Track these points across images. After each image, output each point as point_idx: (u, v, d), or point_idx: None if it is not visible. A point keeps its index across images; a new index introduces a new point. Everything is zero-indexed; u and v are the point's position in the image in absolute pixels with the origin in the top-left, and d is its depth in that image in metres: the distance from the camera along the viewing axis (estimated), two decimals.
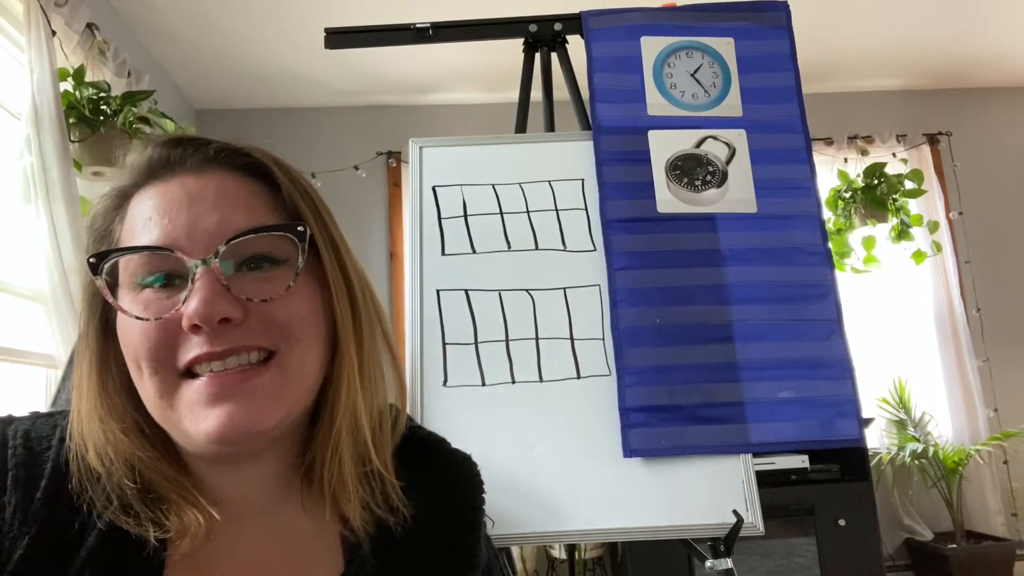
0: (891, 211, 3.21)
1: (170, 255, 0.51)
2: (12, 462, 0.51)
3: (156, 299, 0.51)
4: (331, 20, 1.81)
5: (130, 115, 2.07)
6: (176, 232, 0.51)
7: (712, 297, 1.35)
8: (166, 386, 0.51)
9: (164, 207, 0.53)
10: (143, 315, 0.50)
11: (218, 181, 0.54)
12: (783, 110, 1.48)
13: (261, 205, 0.55)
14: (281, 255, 0.53)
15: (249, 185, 0.56)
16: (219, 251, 0.51)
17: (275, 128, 3.47)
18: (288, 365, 0.52)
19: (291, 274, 0.53)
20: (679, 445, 1.27)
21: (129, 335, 0.52)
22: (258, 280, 0.52)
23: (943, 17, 3.07)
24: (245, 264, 0.52)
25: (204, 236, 0.51)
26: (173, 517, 0.51)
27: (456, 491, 0.64)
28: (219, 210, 0.53)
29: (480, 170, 1.46)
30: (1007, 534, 3.16)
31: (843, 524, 2.44)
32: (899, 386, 3.28)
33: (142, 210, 0.54)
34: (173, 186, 0.54)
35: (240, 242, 0.51)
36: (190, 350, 0.50)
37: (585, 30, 1.56)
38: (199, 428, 0.50)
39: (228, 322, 0.50)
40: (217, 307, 0.49)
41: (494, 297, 1.36)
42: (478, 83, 3.40)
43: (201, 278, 0.50)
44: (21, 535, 0.48)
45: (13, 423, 0.54)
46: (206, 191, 0.53)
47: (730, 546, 1.21)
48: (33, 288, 1.97)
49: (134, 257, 0.52)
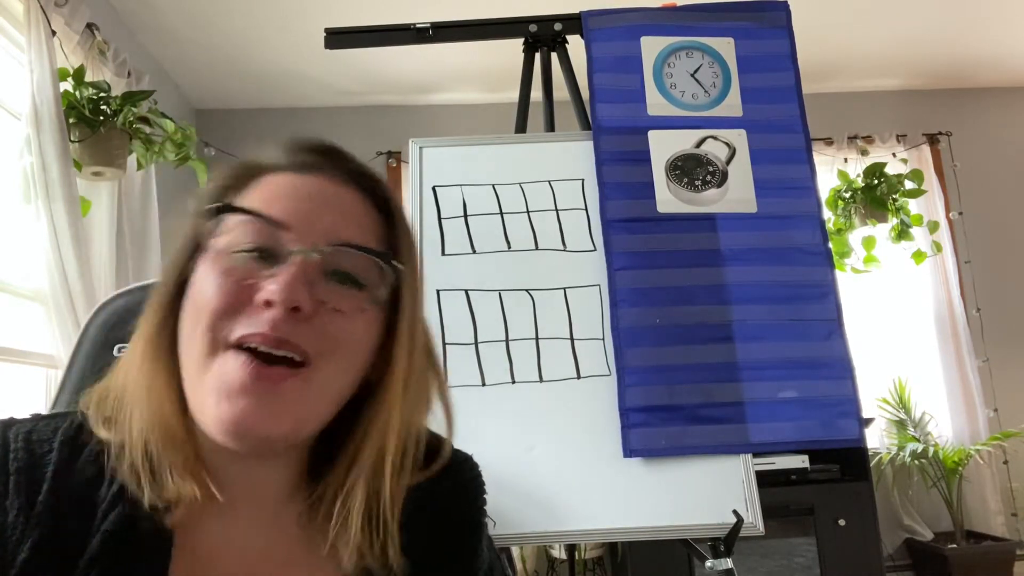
0: (891, 211, 3.21)
1: (278, 231, 0.53)
2: (13, 466, 0.51)
3: (244, 266, 0.53)
4: (331, 20, 1.81)
5: (130, 115, 2.07)
6: (293, 217, 0.54)
7: (712, 297, 1.35)
8: (213, 348, 0.51)
9: (293, 194, 0.56)
10: (227, 274, 0.52)
11: (349, 197, 0.58)
12: (783, 110, 1.48)
13: (373, 231, 0.58)
14: (366, 280, 0.55)
15: (370, 211, 0.59)
16: (322, 250, 0.53)
17: (275, 128, 3.47)
18: (315, 379, 0.52)
19: (367, 300, 0.55)
20: (679, 445, 1.27)
21: (203, 290, 0.53)
22: (339, 291, 0.54)
23: (943, 17, 3.07)
24: (334, 273, 0.54)
25: (315, 231, 0.54)
26: (171, 484, 0.51)
27: (458, 492, 0.64)
28: (337, 219, 0.56)
29: (480, 170, 1.46)
30: (1007, 534, 3.16)
31: (843, 524, 2.44)
32: (899, 386, 3.28)
33: (271, 190, 0.56)
34: (308, 182, 0.57)
35: (340, 252, 0.54)
36: (250, 326, 0.51)
37: (585, 30, 1.56)
38: (218, 411, 0.50)
39: (297, 311, 0.51)
40: (297, 293, 0.50)
41: (494, 297, 1.36)
42: (478, 83, 3.40)
43: (294, 263, 0.51)
44: (24, 539, 0.48)
45: (14, 426, 0.54)
46: (334, 198, 0.57)
47: (730, 546, 1.22)
48: (33, 288, 1.97)
49: (244, 221, 0.54)
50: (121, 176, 2.16)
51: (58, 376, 1.93)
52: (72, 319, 1.91)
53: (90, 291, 1.99)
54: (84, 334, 0.81)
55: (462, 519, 0.63)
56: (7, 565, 0.47)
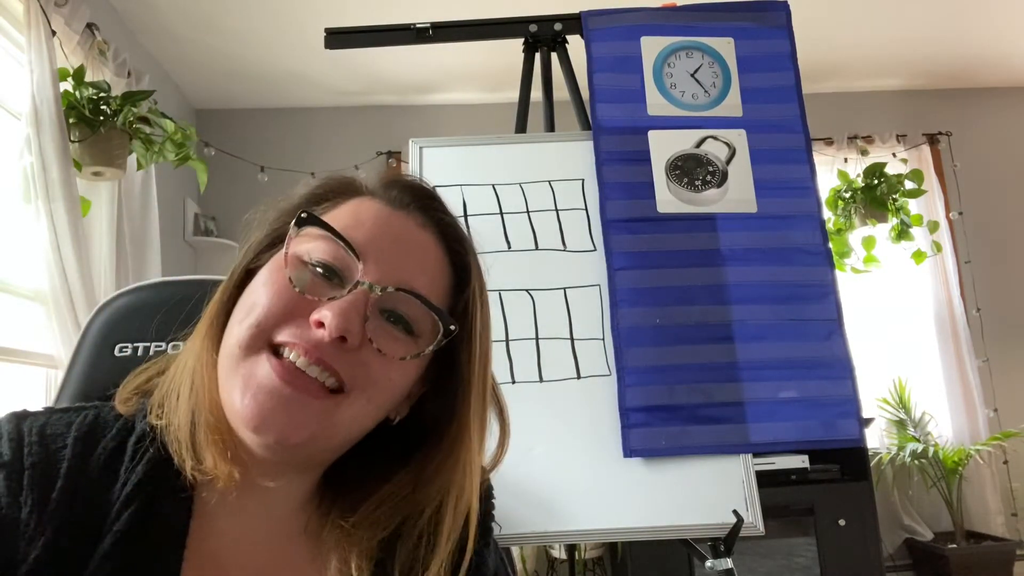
0: (891, 211, 3.21)
1: (352, 259, 0.54)
2: (28, 461, 0.51)
3: (309, 279, 0.54)
4: (331, 20, 1.81)
5: (130, 115, 2.07)
6: (371, 249, 0.54)
7: (712, 297, 1.35)
8: (253, 342, 0.52)
9: (379, 226, 0.56)
10: (294, 281, 0.53)
11: (429, 244, 0.59)
12: (783, 110, 1.48)
13: (441, 286, 0.59)
14: (418, 330, 0.56)
15: (445, 265, 0.60)
16: (387, 288, 0.53)
17: (275, 128, 3.47)
18: (345, 407, 0.53)
19: (413, 351, 0.55)
20: (679, 445, 1.27)
21: (266, 285, 0.54)
22: (388, 334, 0.54)
23: (943, 17, 3.07)
24: (389, 314, 0.55)
25: (387, 270, 0.54)
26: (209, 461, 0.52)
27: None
28: (411, 262, 0.56)
29: (480, 170, 1.46)
30: (1007, 534, 3.16)
31: (843, 524, 2.44)
32: (899, 386, 3.28)
33: (361, 213, 0.57)
34: (396, 218, 0.58)
35: (402, 296, 0.54)
36: (296, 335, 0.51)
37: (585, 30, 1.56)
38: (243, 403, 0.51)
39: (344, 341, 0.51)
40: (349, 323, 0.51)
41: (494, 297, 1.36)
42: (478, 83, 3.40)
43: (356, 294, 0.52)
44: (37, 536, 0.48)
45: (28, 419, 0.54)
46: (414, 242, 0.58)
47: (730, 546, 1.22)
48: (33, 288, 1.97)
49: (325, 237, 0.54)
50: (121, 176, 2.16)
51: (58, 376, 1.93)
52: (72, 319, 1.91)
53: (90, 291, 1.99)
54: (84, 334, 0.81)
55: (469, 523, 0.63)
56: (20, 562, 0.47)
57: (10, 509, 0.48)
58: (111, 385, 0.60)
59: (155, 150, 2.18)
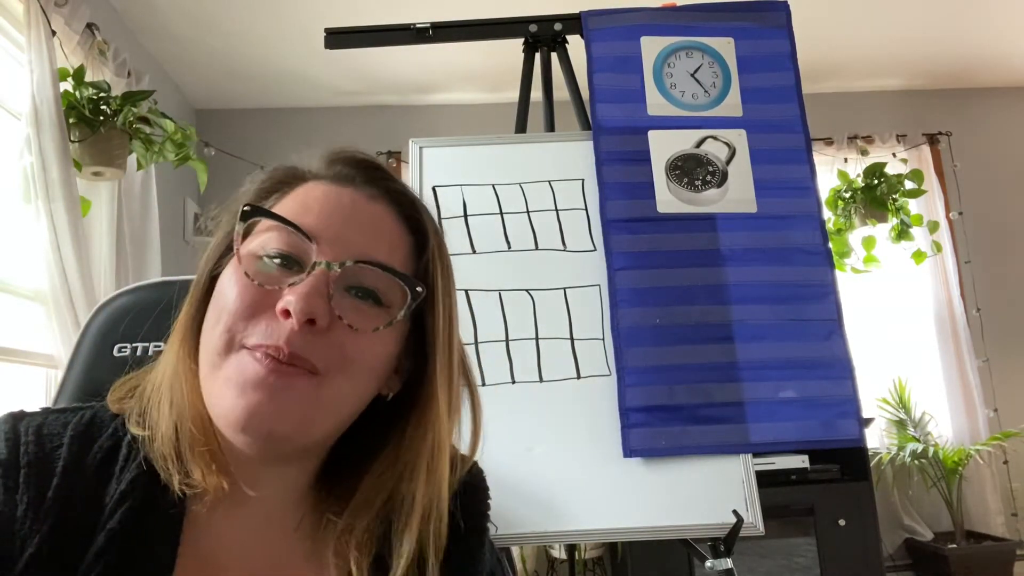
0: (891, 211, 3.21)
1: (305, 242, 0.53)
2: (24, 460, 0.51)
3: (269, 271, 0.54)
4: (331, 20, 1.81)
5: (130, 115, 2.07)
6: (323, 229, 0.54)
7: (712, 297, 1.35)
8: (228, 346, 0.52)
9: (327, 206, 0.56)
10: (252, 276, 0.53)
11: (380, 214, 0.58)
12: (783, 110, 1.48)
13: (401, 252, 0.58)
14: (387, 299, 0.55)
15: (401, 231, 0.59)
16: (344, 263, 0.53)
17: (275, 128, 3.47)
18: (325, 388, 0.53)
19: (385, 320, 0.55)
20: (679, 445, 1.27)
21: (227, 287, 0.54)
22: (356, 308, 0.54)
23: (943, 17, 3.06)
24: (355, 289, 0.54)
25: (342, 246, 0.54)
26: (197, 474, 0.52)
27: (461, 497, 0.64)
28: (366, 234, 0.56)
29: (480, 170, 1.46)
30: (1007, 534, 3.16)
31: (843, 524, 2.44)
32: (899, 386, 3.28)
33: (307, 198, 0.57)
34: (344, 195, 0.57)
35: (362, 268, 0.54)
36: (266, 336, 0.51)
37: (585, 30, 1.56)
38: (225, 407, 0.51)
39: (312, 324, 0.51)
40: (314, 306, 0.51)
41: (494, 297, 1.36)
42: (478, 83, 3.40)
43: (315, 275, 0.52)
44: (32, 533, 0.48)
45: (24, 419, 0.54)
46: (366, 215, 0.57)
47: (730, 546, 1.21)
48: (33, 288, 1.97)
49: (275, 227, 0.54)
50: (121, 176, 2.16)
51: (58, 376, 1.93)
52: (72, 319, 1.91)
53: (90, 291, 1.99)
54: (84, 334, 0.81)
55: (465, 523, 0.63)
56: (15, 559, 0.47)
57: (6, 507, 0.49)
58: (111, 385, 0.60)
59: (155, 150, 2.18)
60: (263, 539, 0.57)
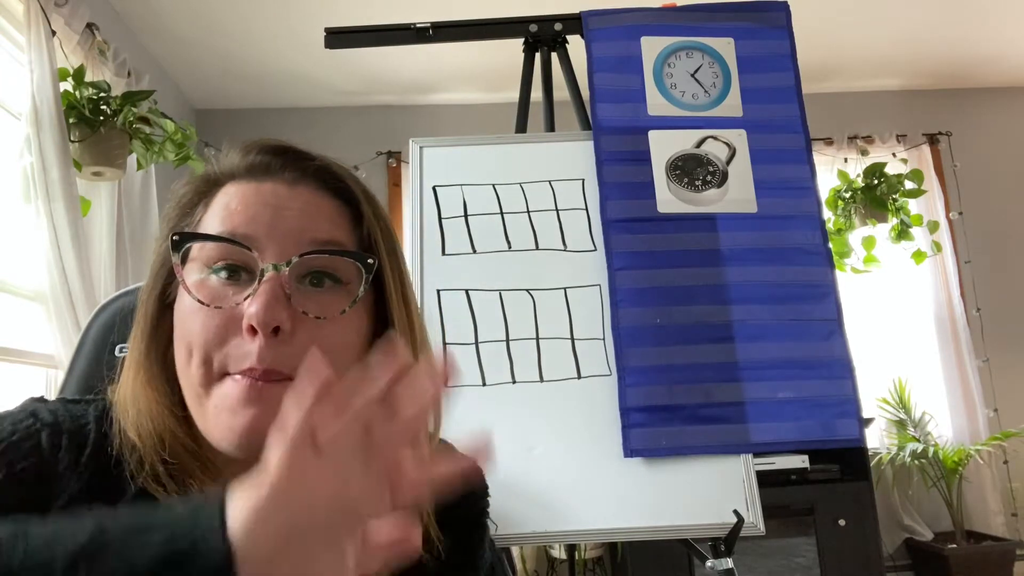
0: (891, 211, 3.21)
1: (246, 252, 0.52)
2: (65, 426, 0.53)
3: (221, 289, 0.53)
4: (331, 20, 1.81)
5: (130, 115, 2.07)
6: (257, 232, 0.53)
7: (712, 297, 1.35)
8: (208, 378, 0.52)
9: (252, 206, 0.55)
10: (206, 301, 0.52)
11: (308, 196, 0.57)
12: (783, 110, 1.48)
13: (341, 228, 0.57)
14: (344, 278, 0.55)
15: (335, 207, 0.58)
16: (291, 260, 0.52)
17: (275, 128, 3.47)
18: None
19: (349, 299, 0.54)
20: (679, 445, 1.27)
21: (187, 318, 0.53)
22: (317, 297, 0.53)
23: (943, 17, 3.07)
24: (309, 277, 0.54)
25: (282, 242, 0.53)
26: (196, 490, 0.52)
27: (463, 496, 0.64)
28: (301, 221, 0.55)
29: (480, 170, 1.46)
30: (1007, 534, 3.16)
31: (843, 524, 2.44)
32: (899, 386, 3.28)
33: (230, 202, 0.56)
34: (265, 189, 0.56)
35: (310, 259, 0.53)
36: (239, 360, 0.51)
37: (585, 30, 1.56)
38: (223, 429, 0.51)
39: (279, 330, 0.51)
40: (274, 314, 0.50)
41: (494, 297, 1.36)
42: (478, 83, 3.40)
43: (268, 282, 0.51)
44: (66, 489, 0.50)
45: (48, 402, 0.56)
46: (295, 202, 0.56)
47: (730, 546, 1.22)
48: (33, 288, 1.97)
49: (210, 244, 0.53)
50: (121, 176, 2.16)
51: (58, 376, 1.93)
52: (72, 319, 1.91)
53: (90, 291, 1.99)
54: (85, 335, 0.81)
55: (464, 520, 0.63)
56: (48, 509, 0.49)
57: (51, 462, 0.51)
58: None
59: (155, 150, 2.18)
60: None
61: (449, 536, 0.61)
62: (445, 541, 0.60)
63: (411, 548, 0.39)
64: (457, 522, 0.63)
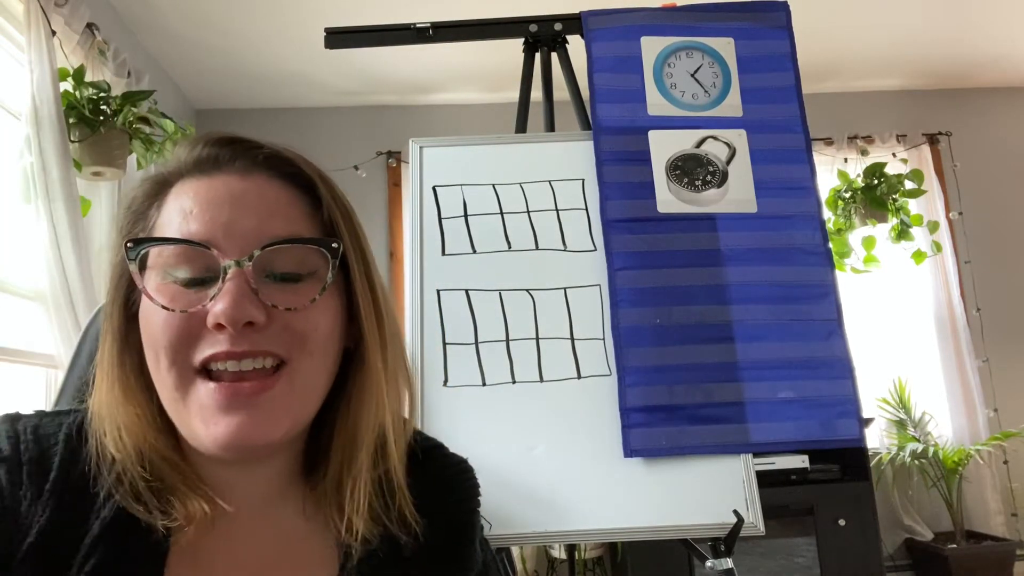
0: (891, 211, 3.21)
1: (205, 251, 0.51)
2: (26, 456, 0.52)
3: (183, 292, 0.51)
4: (331, 20, 1.81)
5: (130, 115, 2.07)
6: (214, 230, 0.52)
7: (712, 297, 1.35)
8: (182, 380, 0.51)
9: (205, 203, 0.53)
10: (170, 306, 0.51)
11: (262, 186, 0.55)
12: (783, 110, 1.48)
13: (300, 215, 0.56)
14: (311, 267, 0.54)
15: (291, 194, 0.56)
16: (253, 255, 0.51)
17: (275, 128, 3.47)
18: (297, 377, 0.52)
19: (318, 287, 0.53)
20: (679, 445, 1.27)
21: (152, 324, 0.52)
22: (285, 288, 0.53)
23: (943, 17, 3.07)
24: (275, 274, 0.53)
25: (241, 237, 0.52)
26: (179, 505, 0.51)
27: (452, 494, 0.64)
28: (259, 214, 0.53)
29: (480, 170, 1.46)
30: (1007, 534, 3.16)
31: (843, 524, 2.44)
32: (899, 386, 3.28)
33: (183, 202, 0.54)
34: (217, 184, 0.54)
35: (272, 251, 0.52)
36: (210, 347, 0.50)
37: (585, 30, 1.56)
38: (208, 433, 0.50)
39: (251, 325, 0.50)
40: (244, 310, 0.49)
41: (494, 297, 1.36)
42: (478, 83, 3.40)
43: (232, 279, 0.50)
44: (32, 525, 0.49)
45: (21, 419, 0.55)
46: (249, 194, 0.54)
47: (730, 546, 1.21)
48: (33, 288, 1.97)
49: (168, 247, 0.52)
50: (121, 176, 2.16)
51: (58, 376, 1.93)
52: (72, 319, 1.91)
53: (90, 291, 1.99)
54: (85, 335, 0.81)
55: (456, 520, 0.63)
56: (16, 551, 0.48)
57: (11, 501, 0.50)
58: None
59: (155, 150, 2.18)
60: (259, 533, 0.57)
61: (440, 536, 0.61)
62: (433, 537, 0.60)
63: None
64: (448, 522, 0.62)
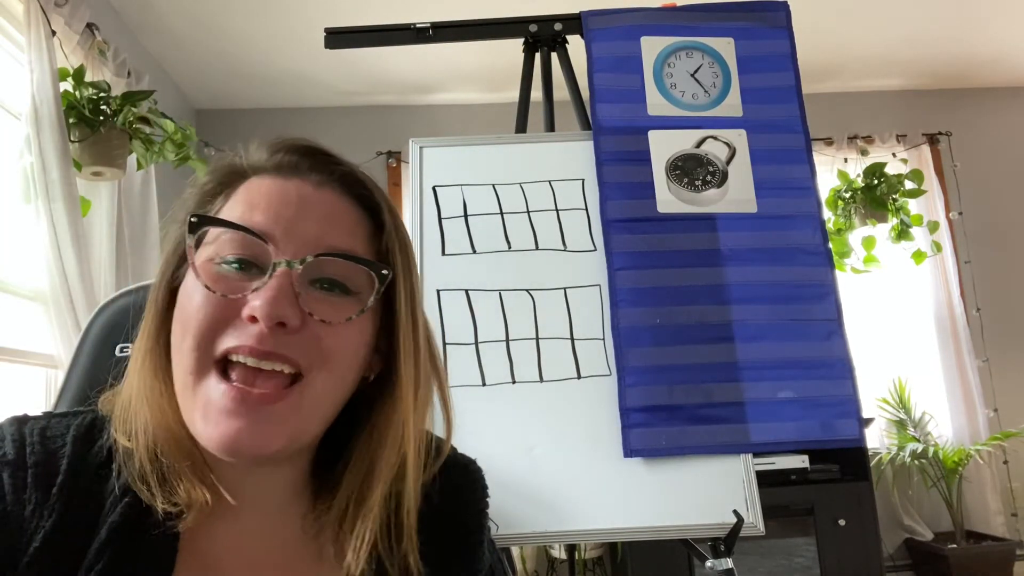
0: (891, 211, 3.21)
1: (261, 243, 0.52)
2: (31, 460, 0.52)
3: (229, 278, 0.52)
4: (331, 20, 1.81)
5: (130, 115, 2.07)
6: (276, 226, 0.53)
7: (712, 297, 1.35)
8: (200, 365, 0.51)
9: (275, 202, 0.54)
10: (212, 287, 0.51)
11: (331, 199, 0.56)
12: (783, 110, 1.48)
13: (360, 236, 0.57)
14: (355, 287, 0.54)
15: (357, 214, 0.57)
16: (305, 259, 0.52)
17: (275, 128, 3.47)
18: (308, 393, 0.52)
19: (356, 308, 0.54)
20: (679, 445, 1.27)
21: (190, 300, 0.52)
22: (325, 300, 0.53)
23: (943, 17, 3.07)
24: (321, 282, 0.53)
25: (299, 239, 0.52)
26: (181, 490, 0.51)
27: (460, 495, 0.64)
28: (321, 224, 0.54)
29: (480, 170, 1.46)
30: (1007, 534, 3.16)
31: (843, 524, 2.44)
32: (899, 386, 3.28)
33: (252, 195, 0.55)
34: (290, 187, 0.55)
35: (324, 260, 0.52)
36: (236, 338, 0.50)
37: (585, 30, 1.56)
38: (206, 431, 0.50)
39: (283, 327, 0.50)
40: (281, 308, 0.49)
41: (494, 297, 1.36)
42: (478, 83, 3.40)
43: (278, 277, 0.50)
44: (39, 529, 0.49)
45: (28, 422, 0.55)
46: (317, 203, 0.55)
47: (730, 546, 1.21)
48: (33, 288, 1.97)
49: (227, 232, 0.53)
50: (121, 176, 2.16)
51: (58, 376, 1.93)
52: (72, 319, 1.91)
53: (90, 291, 1.99)
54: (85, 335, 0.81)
55: (464, 521, 0.63)
56: (21, 556, 0.48)
57: (15, 506, 0.50)
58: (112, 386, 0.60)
59: (155, 150, 2.18)
60: (265, 537, 0.57)
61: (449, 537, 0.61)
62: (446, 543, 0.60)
63: None
64: (457, 523, 0.63)
